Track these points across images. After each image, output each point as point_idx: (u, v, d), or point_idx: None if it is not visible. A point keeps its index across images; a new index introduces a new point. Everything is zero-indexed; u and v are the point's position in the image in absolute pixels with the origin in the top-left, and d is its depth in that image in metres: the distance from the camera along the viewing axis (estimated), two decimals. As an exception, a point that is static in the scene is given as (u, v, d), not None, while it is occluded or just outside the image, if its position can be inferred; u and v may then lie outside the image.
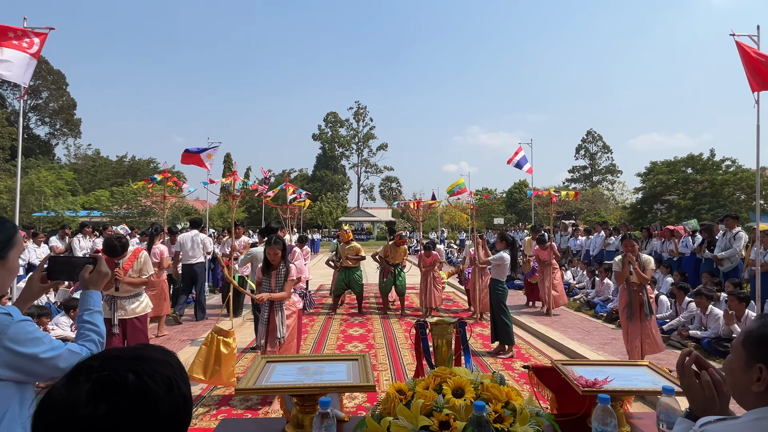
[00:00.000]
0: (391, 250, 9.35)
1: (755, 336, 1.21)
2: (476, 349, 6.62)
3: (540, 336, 7.42)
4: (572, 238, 14.57)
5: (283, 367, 2.02)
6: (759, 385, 1.16)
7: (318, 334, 7.44)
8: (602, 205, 39.93)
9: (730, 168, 29.64)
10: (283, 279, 4.53)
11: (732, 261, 8.51)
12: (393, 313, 9.27)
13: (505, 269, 6.37)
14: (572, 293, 10.69)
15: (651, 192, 32.06)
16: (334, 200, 55.21)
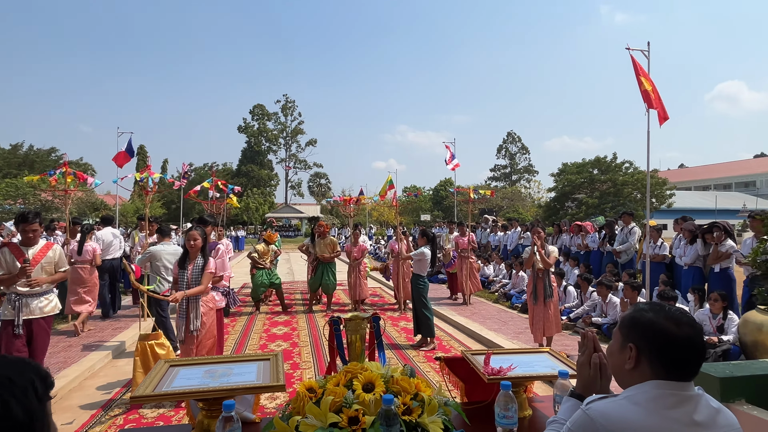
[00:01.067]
0: (316, 242, 9.21)
1: (627, 320, 1.34)
2: (400, 342, 6.73)
3: (460, 327, 7.70)
4: (492, 234, 15.30)
5: (187, 370, 1.89)
6: (630, 363, 1.28)
7: (240, 334, 7.21)
8: (520, 202, 42.39)
9: (629, 170, 32.73)
10: (200, 272, 4.29)
11: (628, 253, 9.40)
12: (319, 310, 9.17)
13: (426, 264, 6.53)
14: (491, 286, 11.21)
15: (563, 191, 34.61)
16: (260, 196, 53.54)
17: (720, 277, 6.97)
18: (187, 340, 4.24)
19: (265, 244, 9.14)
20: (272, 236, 9.15)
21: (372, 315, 2.14)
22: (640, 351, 1.27)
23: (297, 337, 7.06)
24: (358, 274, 9.29)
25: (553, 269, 6.00)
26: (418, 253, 6.49)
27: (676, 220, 8.60)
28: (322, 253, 8.99)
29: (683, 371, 1.24)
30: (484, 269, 12.27)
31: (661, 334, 1.25)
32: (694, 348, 1.24)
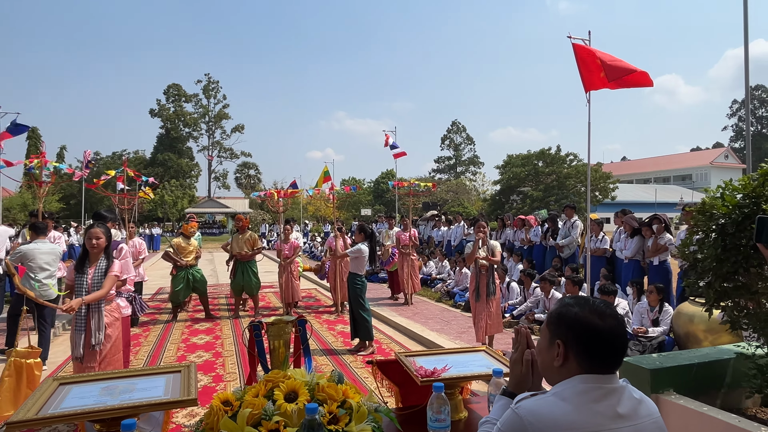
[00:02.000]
0: (233, 238, 8.97)
1: (554, 316, 1.42)
2: (336, 347, 6.73)
3: (401, 329, 7.83)
4: (435, 229, 15.64)
5: (81, 388, 1.78)
6: (557, 360, 1.36)
7: (154, 346, 6.90)
8: (465, 195, 43.65)
9: (573, 162, 34.66)
10: (102, 277, 4.02)
11: (570, 248, 9.98)
12: (246, 315, 8.96)
13: (364, 262, 6.56)
14: (434, 284, 11.48)
15: (508, 184, 36.07)
16: (179, 188, 51.13)
17: (658, 270, 7.58)
18: (86, 358, 3.91)
19: (184, 238, 8.77)
20: (188, 227, 8.78)
21: (297, 318, 2.13)
22: (567, 346, 1.35)
23: (221, 346, 6.88)
24: (290, 274, 9.18)
25: (497, 265, 6.23)
26: (354, 251, 6.51)
27: (616, 213, 9.24)
28: (240, 249, 8.76)
29: (607, 364, 1.34)
30: (426, 266, 12.52)
31: (586, 328, 1.34)
32: (617, 339, 1.34)
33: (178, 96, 58.89)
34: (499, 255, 6.13)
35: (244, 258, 8.78)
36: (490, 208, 37.08)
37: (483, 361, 2.20)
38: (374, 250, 6.72)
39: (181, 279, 8.57)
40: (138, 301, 5.26)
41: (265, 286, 12.31)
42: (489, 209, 37.01)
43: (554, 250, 10.24)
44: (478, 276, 6.18)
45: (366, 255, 6.51)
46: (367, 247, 6.57)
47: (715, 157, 59.69)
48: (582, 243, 9.25)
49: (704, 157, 61.40)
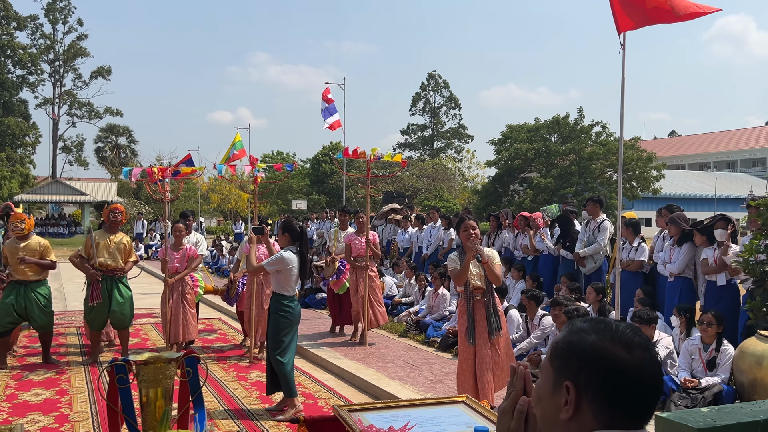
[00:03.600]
0: (95, 240, 8.68)
1: (561, 346, 1.45)
2: (250, 406, 6.71)
3: (348, 378, 7.87)
4: (400, 231, 15.74)
5: None
6: (566, 410, 1.39)
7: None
8: (446, 183, 44.22)
9: (600, 136, 35.60)
10: None
11: (595, 260, 10.23)
12: (109, 361, 8.76)
13: (290, 277, 6.49)
14: (396, 311, 11.57)
15: (506, 166, 36.66)
16: (5, 163, 49.26)
17: (720, 293, 7.80)
18: None
19: (17, 239, 8.46)
20: (15, 221, 8.47)
21: (184, 355, 2.11)
22: (581, 391, 1.39)
23: (68, 406, 6.72)
24: (182, 297, 9.01)
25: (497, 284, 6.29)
26: (274, 261, 6.46)
27: (659, 210, 9.54)
28: (110, 259, 8.53)
29: (636, 415, 1.38)
30: (385, 284, 12.59)
31: (607, 364, 1.38)
32: (650, 379, 1.39)
33: (6, 19, 56.59)
34: (499, 269, 6.18)
35: (113, 272, 8.57)
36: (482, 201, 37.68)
37: (461, 417, 2.23)
38: (306, 258, 6.70)
39: (10, 301, 8.27)
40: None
41: (140, 315, 12.09)
42: (480, 203, 37.59)
43: (570, 264, 10.47)
44: (470, 305, 6.05)
45: (294, 267, 6.46)
46: (296, 254, 6.53)
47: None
48: (614, 253, 9.49)
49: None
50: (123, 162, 60.64)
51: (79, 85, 62.55)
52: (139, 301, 11.29)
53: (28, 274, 8.38)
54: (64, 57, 60.82)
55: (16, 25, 57.20)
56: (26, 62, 57.24)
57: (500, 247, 12.17)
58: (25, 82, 58.36)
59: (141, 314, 12.24)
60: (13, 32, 56.86)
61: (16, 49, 56.27)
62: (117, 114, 64.01)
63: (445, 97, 65.12)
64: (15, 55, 56.24)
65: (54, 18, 60.15)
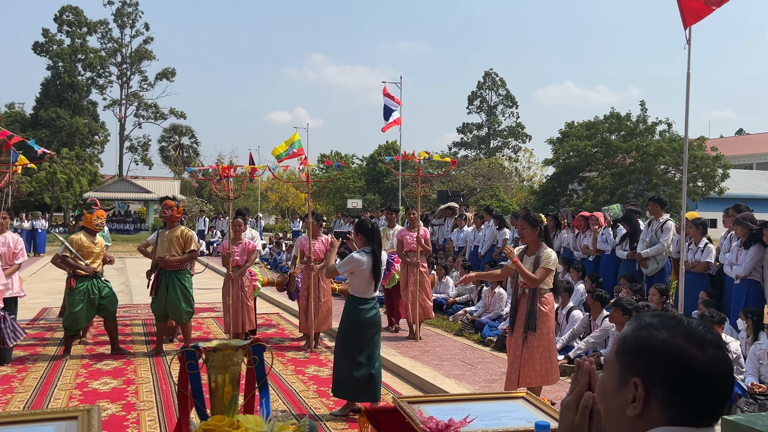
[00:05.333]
0: (159, 235, 9.00)
1: (629, 342, 1.44)
2: (309, 400, 6.79)
3: (403, 375, 7.93)
4: (456, 229, 15.70)
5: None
6: (634, 407, 1.38)
7: (34, 393, 6.98)
8: (502, 182, 43.79)
9: (664, 134, 34.67)
10: None
11: (658, 260, 10.04)
12: (172, 351, 9.02)
13: (365, 279, 6.33)
14: (452, 310, 11.56)
15: (565, 165, 36.07)
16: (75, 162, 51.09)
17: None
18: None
19: (87, 233, 8.78)
20: (92, 218, 8.79)
21: (251, 342, 2.16)
22: (649, 387, 1.38)
23: (134, 395, 6.92)
24: (241, 290, 9.22)
25: (547, 286, 6.22)
26: (347, 261, 6.41)
27: (726, 210, 9.28)
28: (165, 253, 8.78)
29: (706, 414, 1.36)
30: (441, 284, 12.57)
31: (678, 361, 1.36)
32: (722, 378, 1.37)
33: (77, 24, 58.68)
34: (544, 272, 6.08)
35: (171, 266, 8.81)
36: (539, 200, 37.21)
37: (521, 412, 2.22)
38: (379, 259, 6.45)
39: (82, 295, 8.58)
40: (9, 323, 5.27)
41: (202, 309, 12.40)
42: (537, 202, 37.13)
43: (630, 263, 10.30)
44: (516, 298, 6.19)
45: (366, 268, 6.30)
46: (369, 255, 6.38)
47: None
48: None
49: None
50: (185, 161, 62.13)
51: (145, 87, 64.45)
52: (201, 296, 11.59)
53: (98, 268, 8.80)
54: (131, 60, 62.73)
55: (87, 30, 59.25)
56: (96, 65, 59.28)
57: (559, 247, 12.05)
58: (94, 84, 60.41)
59: (202, 308, 12.57)
60: (84, 36, 58.92)
61: (86, 52, 58.31)
62: (181, 116, 65.60)
63: (502, 96, 64.41)
64: (86, 59, 58.28)
65: (122, 22, 62.09)
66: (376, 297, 6.56)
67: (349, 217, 24.60)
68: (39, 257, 25.17)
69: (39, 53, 57.01)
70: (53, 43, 57.08)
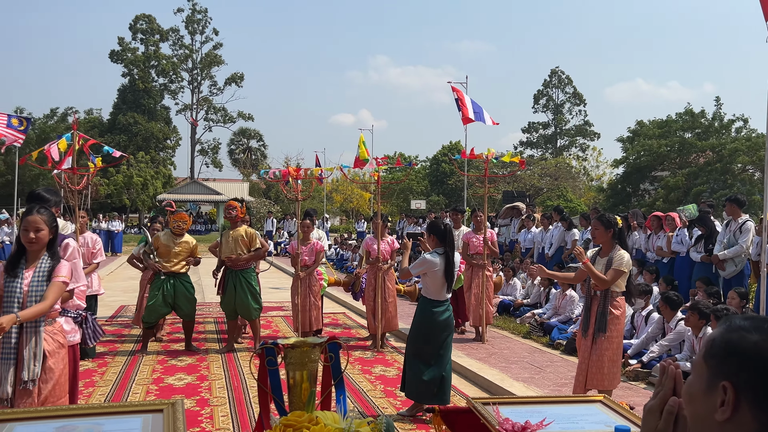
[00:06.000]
0: (223, 236, 9.18)
1: (718, 344, 1.40)
2: (377, 400, 6.84)
3: (470, 377, 7.88)
4: (524, 230, 15.53)
5: (27, 427, 1.90)
6: (723, 411, 1.34)
7: (114, 386, 7.23)
8: (570, 182, 43.05)
9: (741, 132, 33.41)
10: (44, 280, 4.19)
11: (737, 263, 9.70)
12: (244, 349, 9.23)
13: (438, 280, 6.27)
14: (519, 312, 11.44)
15: (636, 165, 35.18)
16: (150, 165, 52.85)
17: None
18: (17, 399, 4.05)
19: (171, 234, 9.04)
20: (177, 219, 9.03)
21: (327, 340, 2.20)
22: (740, 391, 1.34)
23: (207, 390, 7.11)
24: (309, 290, 9.34)
25: (619, 288, 6.09)
26: (419, 263, 6.36)
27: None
28: (230, 252, 8.96)
29: None
30: (507, 286, 12.45)
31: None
32: None
33: (150, 31, 60.73)
34: (615, 274, 5.93)
35: (237, 265, 8.99)
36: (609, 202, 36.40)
37: (599, 416, 2.19)
38: (451, 260, 6.32)
39: (156, 290, 8.84)
40: (90, 323, 5.44)
41: (270, 308, 12.63)
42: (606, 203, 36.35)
43: (705, 266, 9.98)
44: (589, 299, 6.12)
45: (438, 269, 6.23)
46: (441, 256, 6.30)
47: None
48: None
49: None
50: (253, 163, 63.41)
51: (214, 92, 66.00)
52: (269, 295, 11.78)
53: (177, 268, 9.01)
54: (201, 65, 64.40)
55: (159, 37, 61.21)
56: (168, 71, 61.14)
57: (631, 248, 11.78)
58: (166, 90, 62.27)
59: (271, 307, 12.80)
60: (157, 44, 60.90)
61: (159, 59, 60.24)
62: (249, 119, 66.94)
63: (569, 94, 63.26)
64: (158, 65, 60.20)
65: (192, 29, 63.81)
66: (449, 299, 6.48)
67: (413, 218, 24.62)
68: (116, 257, 26.08)
69: (115, 61, 59.21)
70: (128, 51, 59.19)
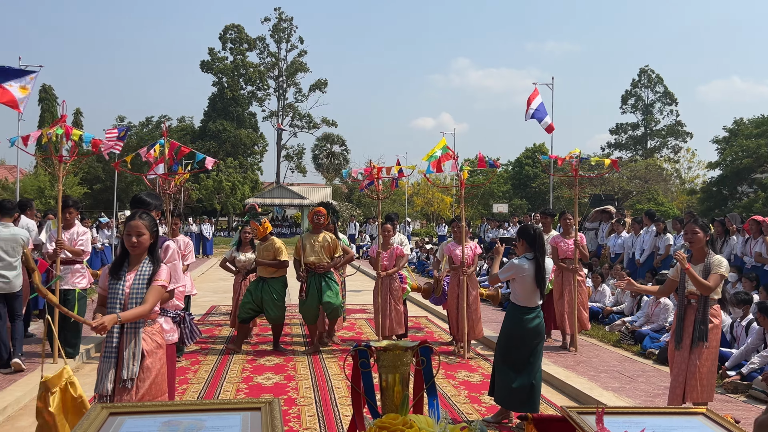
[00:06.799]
0: (304, 240, 9.30)
1: None
2: (461, 405, 6.82)
3: (557, 385, 7.74)
4: (613, 235, 15.13)
5: (137, 421, 2.01)
6: None
7: (206, 384, 7.50)
8: (661, 184, 41.57)
9: None
10: (145, 284, 4.39)
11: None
12: (329, 351, 9.36)
13: (528, 286, 6.15)
14: (608, 319, 11.15)
15: (733, 167, 33.63)
16: (238, 170, 54.50)
17: None
18: (117, 397, 4.25)
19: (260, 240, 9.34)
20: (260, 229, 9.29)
21: (419, 344, 2.21)
22: None
23: (294, 390, 7.28)
24: (390, 294, 9.37)
25: (717, 295, 5.87)
26: (507, 268, 6.30)
27: None
28: (314, 256, 9.08)
29: None
30: (596, 292, 12.15)
31: None
32: None
33: (239, 41, 62.59)
34: (717, 279, 5.71)
35: (320, 268, 9.16)
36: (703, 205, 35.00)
37: (702, 429, 2.11)
38: (541, 266, 6.20)
39: (248, 290, 9.26)
40: (188, 324, 5.65)
41: (353, 310, 12.77)
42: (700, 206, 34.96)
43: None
44: (683, 308, 5.90)
45: (527, 275, 6.12)
46: (532, 262, 6.17)
47: None
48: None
49: None
50: (336, 168, 64.36)
51: (299, 98, 67.32)
52: (352, 297, 11.90)
53: (266, 271, 9.28)
54: (286, 73, 65.91)
55: (247, 47, 63.13)
56: (255, 79, 62.97)
57: (729, 254, 11.32)
58: (254, 97, 64.10)
59: (354, 309, 12.94)
60: (245, 53, 62.82)
61: (247, 67, 62.13)
62: (332, 124, 67.94)
63: (659, 93, 61.26)
64: (246, 74, 62.10)
65: (279, 38, 65.39)
66: (540, 305, 6.32)
67: (495, 221, 24.36)
68: (207, 259, 26.99)
69: (206, 71, 61.41)
70: (218, 60, 61.28)
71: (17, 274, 7.77)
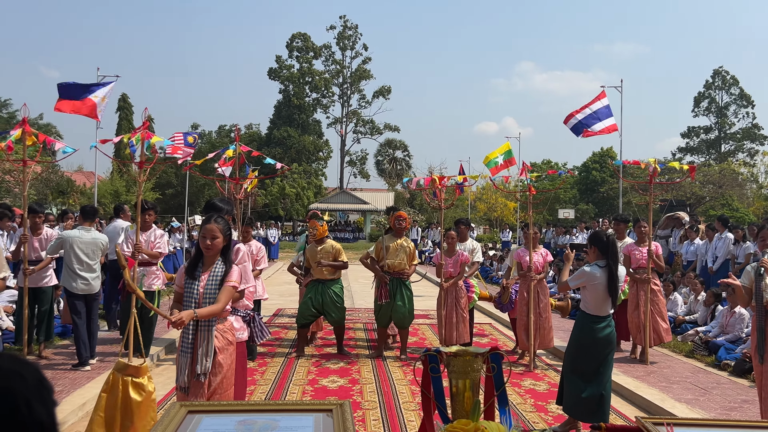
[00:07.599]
0: (385, 243, 9.35)
1: None
2: (527, 414, 6.79)
3: (627, 395, 7.58)
4: (686, 242, 14.71)
5: (214, 419, 2.08)
6: None
7: (273, 385, 7.67)
8: (736, 189, 40.09)
9: None
10: (218, 284, 4.59)
11: None
12: (392, 356, 9.41)
13: (600, 295, 6.03)
14: (680, 329, 10.84)
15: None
16: (303, 176, 55.35)
17: None
18: (192, 389, 4.54)
19: (316, 243, 9.50)
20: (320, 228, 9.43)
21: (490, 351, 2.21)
22: None
23: (359, 394, 7.36)
24: (456, 302, 9.29)
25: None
26: (578, 275, 6.16)
27: None
28: (396, 261, 9.12)
29: None
30: (668, 301, 11.84)
31: None
32: None
33: (305, 49, 63.65)
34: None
35: (399, 273, 9.23)
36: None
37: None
38: (614, 274, 6.05)
39: (309, 297, 9.36)
40: (257, 322, 5.82)
41: (417, 315, 12.75)
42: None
43: None
44: (762, 320, 5.63)
45: (599, 283, 5.99)
46: (604, 270, 6.05)
47: None
48: None
49: None
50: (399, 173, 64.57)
51: (363, 105, 67.99)
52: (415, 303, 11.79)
53: (324, 274, 9.38)
54: (351, 80, 66.67)
55: (313, 54, 64.16)
56: (320, 87, 63.98)
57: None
58: (318, 104, 65.19)
59: (418, 315, 12.90)
60: (311, 61, 63.87)
61: (313, 74, 63.16)
62: (395, 130, 68.27)
63: (734, 95, 59.19)
64: (312, 81, 63.12)
65: (343, 45, 66.25)
66: (611, 314, 6.17)
67: (561, 228, 23.98)
68: (273, 262, 27.49)
69: (273, 78, 62.73)
70: (284, 68, 62.53)
71: (96, 276, 8.21)
